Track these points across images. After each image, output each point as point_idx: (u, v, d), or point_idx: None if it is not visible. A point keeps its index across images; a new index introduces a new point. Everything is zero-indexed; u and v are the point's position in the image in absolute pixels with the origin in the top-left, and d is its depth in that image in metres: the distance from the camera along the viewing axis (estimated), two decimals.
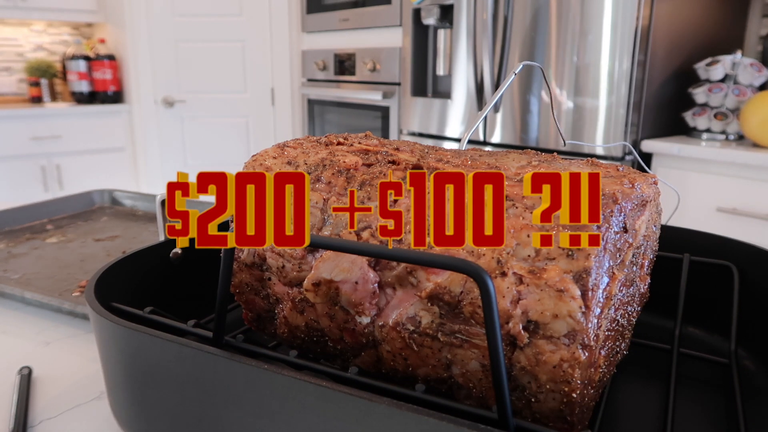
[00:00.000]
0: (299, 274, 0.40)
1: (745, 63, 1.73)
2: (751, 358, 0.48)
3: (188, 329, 0.40)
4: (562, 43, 1.77)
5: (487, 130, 2.01)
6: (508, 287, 0.32)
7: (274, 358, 0.37)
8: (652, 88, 1.75)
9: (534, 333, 0.32)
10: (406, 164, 0.40)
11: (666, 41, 1.75)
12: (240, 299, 0.45)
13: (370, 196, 0.38)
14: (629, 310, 0.39)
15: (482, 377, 0.34)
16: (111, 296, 0.43)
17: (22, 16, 2.92)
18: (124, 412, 0.40)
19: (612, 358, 0.38)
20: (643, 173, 0.38)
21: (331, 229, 0.39)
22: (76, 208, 1.03)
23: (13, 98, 3.14)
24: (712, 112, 1.75)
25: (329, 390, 0.29)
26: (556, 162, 0.40)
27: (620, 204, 0.33)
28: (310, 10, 2.74)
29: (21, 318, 0.62)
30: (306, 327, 0.40)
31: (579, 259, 0.31)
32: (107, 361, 0.39)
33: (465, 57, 1.99)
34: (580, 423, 0.34)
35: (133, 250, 0.49)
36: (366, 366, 0.39)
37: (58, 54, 3.30)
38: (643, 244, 0.39)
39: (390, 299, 0.36)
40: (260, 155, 0.45)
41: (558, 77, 1.80)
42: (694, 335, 0.53)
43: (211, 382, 0.34)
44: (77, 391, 0.48)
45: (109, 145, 2.97)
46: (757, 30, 2.02)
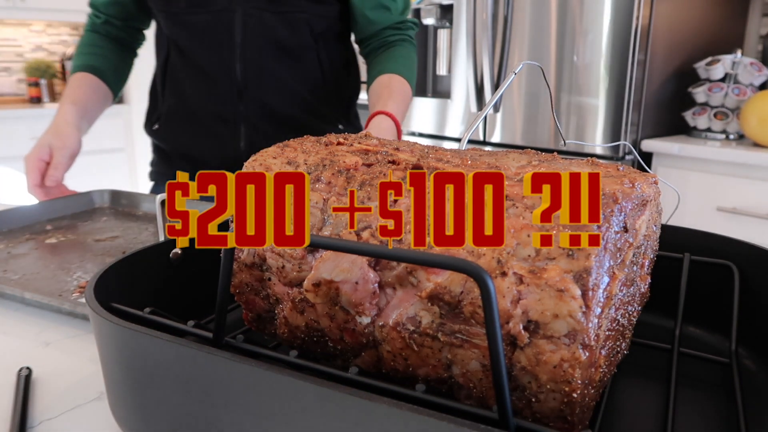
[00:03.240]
0: (299, 274, 0.40)
1: (745, 62, 1.73)
2: (751, 357, 0.48)
3: (188, 330, 0.40)
4: (562, 43, 1.77)
5: (487, 129, 2.01)
6: (508, 287, 0.32)
7: (274, 359, 0.37)
8: (652, 88, 1.75)
9: (534, 333, 0.32)
10: (406, 164, 0.40)
11: (666, 41, 1.75)
12: (240, 299, 0.45)
13: (370, 196, 0.38)
14: (629, 310, 0.39)
15: (482, 377, 0.34)
16: (111, 297, 0.43)
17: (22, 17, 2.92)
18: (124, 413, 0.40)
19: (612, 357, 0.38)
20: (644, 173, 0.38)
21: (331, 229, 0.39)
22: (76, 208, 1.03)
23: (13, 98, 3.14)
24: (712, 111, 1.75)
25: (329, 390, 0.29)
26: (556, 162, 0.40)
27: (620, 204, 0.33)
28: None
29: (21, 318, 0.62)
30: (306, 327, 0.40)
31: (579, 258, 0.31)
32: (107, 361, 0.39)
33: (465, 57, 1.99)
34: (580, 423, 0.34)
35: (133, 251, 0.49)
36: (366, 366, 0.39)
37: (57, 54, 3.30)
38: (643, 243, 0.39)
39: (390, 299, 0.36)
40: (260, 155, 0.45)
41: (558, 77, 1.80)
42: (694, 335, 0.53)
43: (211, 383, 0.33)
44: (77, 391, 0.48)
45: (109, 145, 2.97)
46: (757, 29, 2.02)
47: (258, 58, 1.07)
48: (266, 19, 1.06)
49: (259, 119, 1.10)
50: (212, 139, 1.11)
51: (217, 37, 1.06)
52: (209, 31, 1.06)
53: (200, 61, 1.08)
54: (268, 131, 1.11)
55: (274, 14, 1.06)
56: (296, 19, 1.08)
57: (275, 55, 1.08)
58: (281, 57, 1.09)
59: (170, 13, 1.07)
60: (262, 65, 1.07)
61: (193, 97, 1.11)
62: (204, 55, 1.08)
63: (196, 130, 1.12)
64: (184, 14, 1.06)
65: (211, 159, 1.12)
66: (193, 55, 1.08)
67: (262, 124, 1.10)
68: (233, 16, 1.04)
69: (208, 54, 1.07)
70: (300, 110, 1.13)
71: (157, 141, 1.18)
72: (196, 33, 1.07)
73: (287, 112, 1.11)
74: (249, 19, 1.05)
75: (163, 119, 1.15)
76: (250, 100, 1.08)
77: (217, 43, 1.06)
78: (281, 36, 1.07)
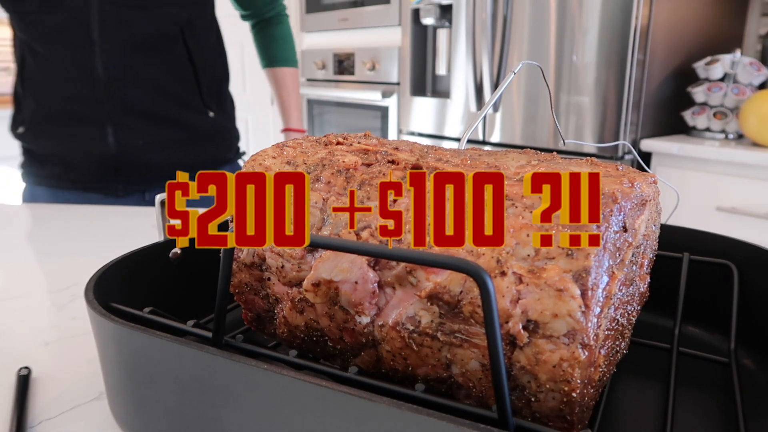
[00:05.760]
0: (299, 274, 0.40)
1: (744, 62, 1.73)
2: (751, 357, 0.48)
3: (188, 329, 0.40)
4: (561, 43, 1.77)
5: (487, 129, 2.01)
6: (507, 287, 0.32)
7: (273, 358, 0.37)
8: (651, 88, 1.76)
9: (534, 332, 0.32)
10: (405, 164, 0.40)
11: (665, 40, 1.75)
12: (239, 299, 0.45)
13: (369, 196, 0.38)
14: (629, 310, 0.39)
15: (482, 377, 0.34)
16: (110, 296, 0.43)
17: None
18: (124, 413, 0.40)
19: (612, 357, 0.38)
20: (643, 172, 0.38)
21: (331, 229, 0.39)
22: None
23: None
24: (712, 111, 1.75)
25: (329, 390, 0.29)
26: (555, 161, 0.40)
27: (620, 203, 0.33)
28: (309, 10, 2.74)
29: (21, 318, 0.62)
30: (306, 327, 0.40)
31: (578, 258, 0.31)
32: (106, 361, 0.39)
33: (464, 56, 1.99)
34: (579, 422, 0.34)
35: (132, 250, 0.49)
36: (366, 366, 0.39)
37: None
38: (642, 243, 0.39)
39: (390, 299, 0.36)
40: (259, 155, 0.45)
41: (557, 76, 1.80)
42: (693, 334, 0.53)
43: (210, 382, 0.33)
44: (77, 391, 0.48)
45: None
46: (757, 29, 2.02)
47: (120, 56, 1.03)
48: (123, 14, 1.02)
49: (126, 116, 1.07)
50: (78, 140, 1.08)
51: (74, 37, 1.01)
52: (64, 31, 1.01)
53: (57, 63, 1.04)
54: (135, 126, 1.08)
55: (131, 9, 1.02)
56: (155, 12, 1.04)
57: (138, 50, 1.05)
58: (145, 51, 1.06)
59: (21, 14, 1.03)
60: (124, 62, 1.04)
61: (53, 99, 1.07)
62: (61, 57, 1.03)
63: (61, 132, 1.08)
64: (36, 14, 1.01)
65: (81, 158, 1.09)
66: (50, 57, 1.04)
67: (130, 121, 1.07)
68: (89, 14, 1.00)
69: (65, 55, 1.03)
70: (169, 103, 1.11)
71: (26, 144, 1.15)
72: (51, 33, 1.02)
73: (155, 107, 1.09)
74: (105, 16, 1.01)
75: (27, 123, 1.11)
76: (115, 100, 1.05)
77: (74, 43, 1.02)
78: (142, 30, 1.04)
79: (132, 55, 1.05)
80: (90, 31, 1.01)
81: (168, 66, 1.10)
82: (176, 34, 1.08)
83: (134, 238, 0.89)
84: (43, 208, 1.09)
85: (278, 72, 1.35)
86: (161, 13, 1.05)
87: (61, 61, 1.04)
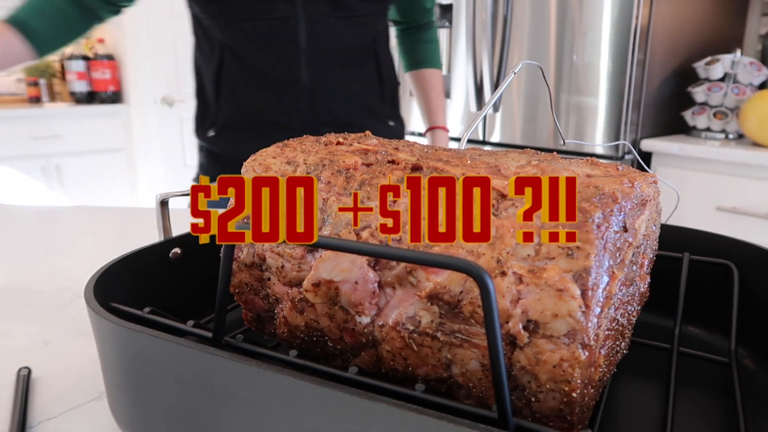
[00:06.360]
0: (299, 274, 0.40)
1: (745, 62, 1.73)
2: (751, 357, 0.48)
3: (188, 329, 0.40)
4: (561, 43, 1.77)
5: (487, 129, 2.01)
6: (507, 287, 0.32)
7: (273, 359, 0.37)
8: (651, 87, 1.76)
9: (534, 332, 0.32)
10: (405, 164, 0.40)
11: (665, 40, 1.75)
12: (239, 299, 0.45)
13: (369, 196, 0.38)
14: (629, 310, 0.39)
15: (482, 377, 0.34)
16: (110, 296, 0.43)
17: None
18: (124, 413, 0.40)
19: (612, 357, 0.38)
20: (643, 172, 0.38)
21: (331, 229, 0.39)
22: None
23: (12, 98, 3.14)
24: (712, 111, 1.75)
25: (329, 390, 0.29)
26: (555, 161, 0.40)
27: (620, 203, 0.33)
28: None
29: (21, 318, 0.62)
30: (306, 327, 0.40)
31: (579, 258, 0.31)
32: (107, 361, 0.39)
33: (464, 56, 1.99)
34: (580, 422, 0.34)
35: (132, 250, 0.49)
36: (366, 366, 0.39)
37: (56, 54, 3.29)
38: (642, 243, 0.39)
39: (390, 299, 0.36)
40: (260, 155, 0.45)
41: (557, 76, 1.80)
42: (693, 334, 0.53)
43: (210, 383, 0.33)
44: (77, 391, 0.48)
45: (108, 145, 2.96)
46: (757, 29, 2.02)
47: (325, 66, 1.05)
48: (331, 24, 1.04)
49: (324, 126, 1.08)
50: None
51: (282, 45, 1.02)
52: (272, 38, 1.02)
53: (263, 69, 1.04)
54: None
55: (338, 19, 1.04)
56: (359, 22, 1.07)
57: (341, 61, 1.07)
58: (346, 62, 1.08)
59: (228, 20, 1.03)
60: (329, 72, 1.06)
61: (254, 105, 1.07)
62: (268, 63, 1.04)
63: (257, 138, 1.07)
64: (244, 21, 1.02)
65: None
66: (255, 63, 1.05)
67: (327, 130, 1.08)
68: (297, 23, 1.02)
69: (272, 62, 1.04)
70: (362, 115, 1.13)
71: (212, 148, 1.15)
72: (258, 40, 1.03)
73: (350, 118, 1.11)
74: (314, 26, 1.02)
75: (219, 126, 1.11)
76: (317, 109, 1.07)
77: (282, 51, 1.03)
78: (346, 41, 1.06)
79: (336, 65, 1.07)
80: (298, 40, 1.03)
81: (363, 76, 1.12)
82: (370, 44, 1.10)
83: (134, 238, 0.89)
84: (44, 208, 1.09)
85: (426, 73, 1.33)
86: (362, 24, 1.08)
87: (268, 68, 1.04)
